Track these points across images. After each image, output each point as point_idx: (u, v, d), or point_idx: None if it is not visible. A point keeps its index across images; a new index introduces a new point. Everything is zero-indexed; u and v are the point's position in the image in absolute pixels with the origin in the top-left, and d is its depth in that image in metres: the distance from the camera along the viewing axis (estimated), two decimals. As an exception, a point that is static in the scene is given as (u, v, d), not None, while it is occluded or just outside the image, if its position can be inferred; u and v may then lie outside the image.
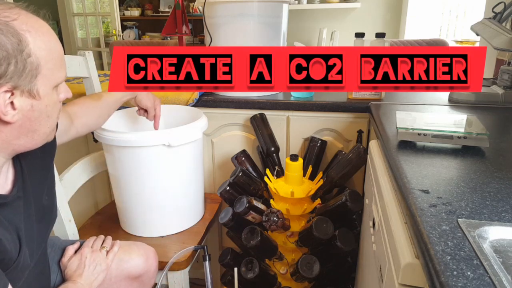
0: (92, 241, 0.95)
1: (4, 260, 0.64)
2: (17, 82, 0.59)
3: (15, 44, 0.58)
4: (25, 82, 0.61)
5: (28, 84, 0.61)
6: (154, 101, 1.15)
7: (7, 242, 0.64)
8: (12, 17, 0.58)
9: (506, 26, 1.24)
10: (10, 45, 0.57)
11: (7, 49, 0.57)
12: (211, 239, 1.48)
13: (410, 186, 0.64)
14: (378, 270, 0.73)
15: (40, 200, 0.77)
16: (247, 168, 1.31)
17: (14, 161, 0.71)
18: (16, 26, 0.58)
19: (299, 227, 1.19)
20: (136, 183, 1.11)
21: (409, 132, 0.85)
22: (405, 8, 3.41)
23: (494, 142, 0.85)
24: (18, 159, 0.72)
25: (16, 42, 0.58)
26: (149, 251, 1.02)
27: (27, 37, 0.59)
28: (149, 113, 1.16)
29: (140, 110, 1.17)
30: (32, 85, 0.62)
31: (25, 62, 0.59)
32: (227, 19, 1.29)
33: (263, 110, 1.35)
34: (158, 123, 1.18)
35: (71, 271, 0.87)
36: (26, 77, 0.60)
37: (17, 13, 0.60)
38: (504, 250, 0.48)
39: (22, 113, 0.62)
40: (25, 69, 0.60)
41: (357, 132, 1.32)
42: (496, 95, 1.21)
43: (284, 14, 1.35)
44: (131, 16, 4.24)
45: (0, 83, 0.58)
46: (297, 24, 3.72)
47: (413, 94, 1.36)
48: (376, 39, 1.24)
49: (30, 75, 0.61)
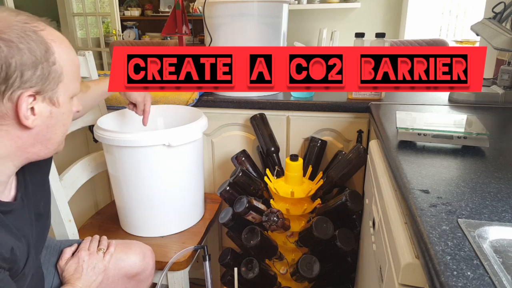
0: (88, 243, 0.95)
1: (13, 269, 0.64)
2: (41, 87, 0.62)
3: (43, 51, 0.62)
4: (48, 88, 0.64)
5: (50, 91, 0.64)
6: (144, 96, 1.15)
7: (18, 251, 0.65)
8: (40, 27, 0.62)
9: (506, 26, 1.24)
10: (39, 52, 0.61)
11: (36, 55, 0.60)
12: (211, 239, 1.48)
13: (410, 186, 0.64)
14: (378, 270, 0.73)
15: (38, 207, 0.77)
16: (247, 168, 1.31)
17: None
18: (44, 36, 0.62)
19: (299, 227, 1.19)
20: (136, 183, 1.11)
21: (409, 132, 0.85)
22: (405, 8, 3.41)
23: (494, 142, 0.85)
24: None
25: (44, 49, 0.62)
26: (146, 250, 1.02)
27: (53, 46, 0.63)
28: (138, 108, 1.16)
29: (129, 105, 1.17)
30: (54, 92, 0.65)
31: (50, 69, 0.63)
32: (227, 19, 1.29)
33: (263, 110, 1.35)
34: (147, 119, 1.17)
35: (69, 274, 0.87)
36: (50, 84, 0.63)
37: (44, 25, 0.64)
38: (504, 250, 0.48)
39: (41, 119, 0.64)
40: (50, 76, 0.63)
41: (357, 132, 1.32)
42: (496, 95, 1.21)
43: (284, 14, 1.35)
44: (131, 16, 4.24)
45: (25, 88, 0.60)
46: (297, 24, 3.72)
47: (413, 94, 1.36)
48: (376, 39, 1.24)
49: (54, 82, 0.64)
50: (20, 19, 0.61)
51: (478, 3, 3.10)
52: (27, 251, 0.69)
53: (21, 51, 0.59)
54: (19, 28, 0.59)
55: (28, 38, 0.60)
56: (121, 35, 3.96)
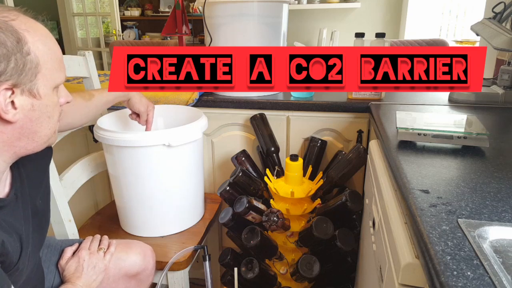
0: (89, 243, 0.96)
1: (6, 263, 0.64)
2: (18, 79, 0.60)
3: (14, 42, 0.59)
4: (26, 80, 0.61)
5: (28, 83, 0.61)
6: (148, 106, 1.14)
7: (9, 245, 0.64)
8: (10, 17, 0.60)
9: (506, 26, 1.24)
10: (10, 43, 0.58)
11: (6, 46, 0.57)
12: (211, 239, 1.48)
13: (410, 186, 0.64)
14: (378, 270, 0.73)
15: (35, 204, 0.77)
16: (247, 168, 1.31)
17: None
18: (15, 26, 0.59)
19: (299, 227, 1.19)
20: (136, 183, 1.11)
21: (409, 132, 0.85)
22: (405, 8, 3.41)
23: (494, 142, 0.85)
24: (16, 161, 0.71)
25: (15, 39, 0.59)
26: (146, 249, 1.02)
27: (25, 35, 0.60)
28: (141, 118, 1.15)
29: (132, 115, 1.16)
30: (32, 84, 0.62)
31: (24, 59, 0.60)
32: (227, 19, 1.29)
33: (263, 110, 1.35)
34: (149, 128, 1.17)
35: (70, 274, 0.88)
36: (26, 75, 0.61)
37: (16, 15, 0.61)
38: (504, 250, 0.48)
39: (23, 113, 0.62)
40: (25, 67, 0.60)
41: (357, 132, 1.32)
42: (496, 95, 1.21)
43: (284, 14, 1.35)
44: (131, 16, 4.24)
45: (0, 81, 0.58)
46: (297, 24, 3.72)
47: (413, 94, 1.36)
48: (376, 39, 1.24)
49: (30, 73, 0.61)
50: None
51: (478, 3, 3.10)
52: (20, 246, 0.68)
53: None
54: None
55: None
56: (121, 35, 3.96)
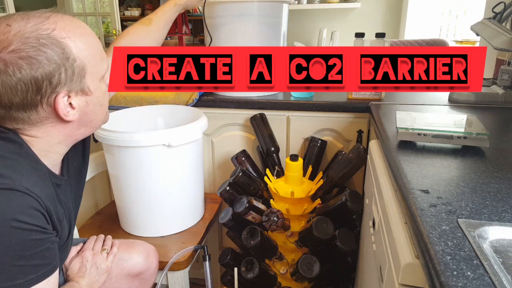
0: (93, 243, 0.96)
1: (62, 238, 0.72)
2: (70, 86, 0.66)
3: (60, 54, 0.64)
4: (77, 84, 0.68)
5: (79, 85, 0.68)
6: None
7: (65, 222, 0.73)
8: (51, 27, 0.64)
9: (506, 26, 1.24)
10: (57, 56, 0.63)
11: (55, 61, 0.63)
12: (211, 239, 1.48)
13: (410, 186, 0.64)
14: (378, 270, 0.73)
15: (77, 187, 0.86)
16: (247, 168, 1.31)
17: None
18: (57, 36, 0.64)
19: (299, 227, 1.19)
20: (136, 183, 1.11)
21: (409, 132, 0.85)
22: (405, 8, 3.41)
23: (494, 142, 0.85)
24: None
25: (61, 51, 0.64)
26: (149, 249, 1.03)
27: (68, 44, 0.65)
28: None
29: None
30: (83, 84, 0.69)
31: (73, 67, 0.66)
32: (227, 19, 1.29)
33: (263, 110, 1.35)
34: None
35: (73, 273, 0.88)
36: (77, 80, 0.67)
37: (54, 21, 0.65)
38: (504, 250, 0.48)
39: (80, 110, 0.70)
40: (74, 74, 0.66)
41: (357, 132, 1.32)
42: (496, 95, 1.20)
43: (284, 14, 1.35)
44: (131, 16, 4.24)
45: (57, 91, 0.65)
46: (297, 24, 3.72)
47: (413, 94, 1.36)
48: (376, 39, 1.24)
49: (80, 76, 0.67)
50: (32, 26, 0.62)
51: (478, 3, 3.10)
52: (69, 225, 0.76)
53: (41, 63, 0.62)
54: (33, 38, 0.61)
55: (43, 47, 0.62)
56: (121, 35, 3.95)
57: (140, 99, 1.36)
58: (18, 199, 0.60)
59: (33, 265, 0.63)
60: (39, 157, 0.69)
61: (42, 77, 0.62)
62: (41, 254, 0.64)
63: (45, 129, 0.68)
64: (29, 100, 0.63)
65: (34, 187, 0.63)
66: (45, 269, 0.65)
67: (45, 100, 0.64)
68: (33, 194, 0.62)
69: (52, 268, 0.67)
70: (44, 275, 0.65)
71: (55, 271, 0.68)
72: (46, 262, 0.65)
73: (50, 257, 0.66)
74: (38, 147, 0.69)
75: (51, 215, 0.66)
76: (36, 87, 0.62)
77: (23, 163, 0.65)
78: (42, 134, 0.69)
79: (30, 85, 0.62)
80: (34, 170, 0.66)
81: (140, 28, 1.04)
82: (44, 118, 0.67)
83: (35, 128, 0.68)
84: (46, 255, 0.65)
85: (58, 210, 0.69)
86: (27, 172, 0.64)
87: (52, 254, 0.67)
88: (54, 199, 0.68)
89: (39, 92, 0.63)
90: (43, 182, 0.67)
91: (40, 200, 0.63)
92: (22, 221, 0.60)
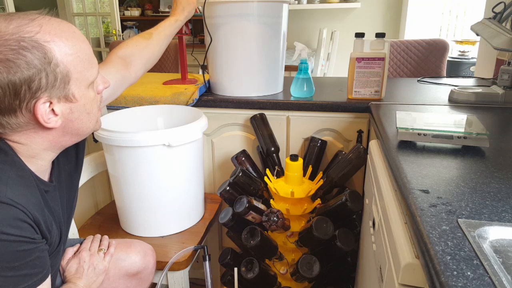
0: (90, 243, 0.96)
1: (52, 244, 0.70)
2: (52, 92, 0.63)
3: (42, 58, 0.60)
4: (59, 90, 0.64)
5: (62, 91, 0.65)
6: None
7: (55, 227, 0.71)
8: (34, 30, 0.60)
9: (506, 26, 1.24)
10: (37, 61, 0.60)
11: (35, 65, 0.60)
12: (211, 239, 1.48)
13: (410, 186, 0.64)
14: (378, 270, 0.73)
15: (70, 192, 0.83)
16: (247, 168, 1.31)
17: None
18: (40, 40, 0.60)
19: (299, 227, 1.18)
20: (136, 183, 1.11)
21: (409, 132, 0.85)
22: (405, 8, 3.41)
23: (494, 142, 0.85)
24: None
25: (42, 56, 0.60)
26: (146, 248, 1.03)
27: (52, 48, 0.61)
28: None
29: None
30: (67, 90, 0.65)
31: (55, 73, 0.62)
32: (227, 19, 1.29)
33: (263, 110, 1.35)
34: None
35: (71, 274, 0.88)
36: (59, 86, 0.64)
37: (39, 24, 0.61)
38: (504, 250, 0.48)
39: (63, 117, 0.67)
40: (57, 79, 0.63)
41: (357, 132, 1.32)
42: (496, 95, 1.20)
43: (284, 14, 1.34)
44: (131, 16, 4.24)
45: (37, 97, 0.62)
46: (297, 24, 3.73)
47: (413, 94, 1.36)
48: (376, 39, 1.24)
49: (63, 82, 0.64)
50: (14, 27, 0.59)
51: (478, 3, 3.10)
52: (59, 231, 0.75)
53: (20, 67, 0.59)
54: (13, 41, 0.58)
55: (23, 50, 0.59)
56: (121, 35, 3.95)
57: (140, 99, 1.36)
58: (3, 212, 0.59)
59: (23, 275, 0.62)
60: (26, 163, 0.68)
61: (20, 82, 0.59)
62: (31, 263, 0.63)
63: (28, 135, 0.66)
64: (7, 104, 0.60)
65: (19, 197, 0.61)
66: (35, 278, 0.64)
67: (24, 105, 0.62)
68: (19, 205, 0.60)
69: (43, 276, 0.66)
70: (35, 284, 0.64)
71: (46, 279, 0.66)
72: (37, 271, 0.64)
73: (40, 265, 0.65)
74: (24, 154, 0.67)
75: (39, 224, 0.65)
76: (14, 92, 0.60)
77: (8, 172, 0.63)
78: (25, 141, 0.66)
79: (7, 89, 0.59)
80: (20, 179, 0.64)
81: (139, 41, 1.03)
82: (24, 124, 0.64)
83: (17, 134, 0.65)
84: (36, 263, 0.64)
85: (46, 218, 0.67)
86: (12, 181, 0.62)
87: (42, 262, 0.66)
88: (41, 207, 0.67)
89: (17, 97, 0.60)
90: (29, 191, 0.65)
91: (27, 211, 0.61)
92: (9, 233, 0.58)
